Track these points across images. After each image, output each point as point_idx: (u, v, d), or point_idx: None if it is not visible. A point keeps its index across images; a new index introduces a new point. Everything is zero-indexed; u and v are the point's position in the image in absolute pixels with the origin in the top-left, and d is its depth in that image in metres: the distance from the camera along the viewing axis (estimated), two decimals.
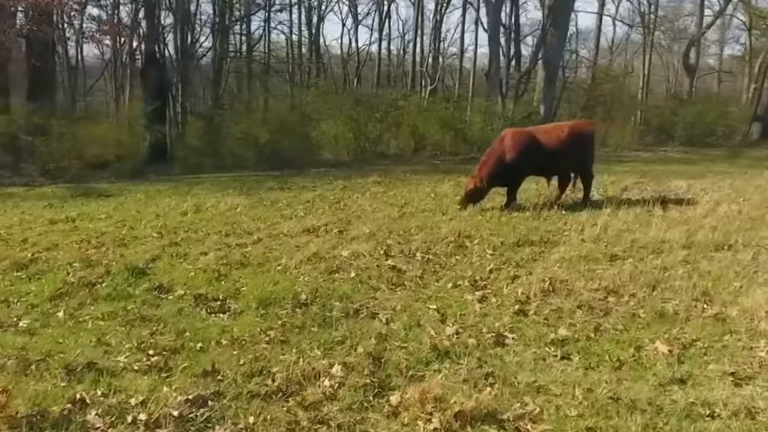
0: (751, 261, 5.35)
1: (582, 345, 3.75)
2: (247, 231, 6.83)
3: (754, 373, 3.30)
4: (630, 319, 4.09)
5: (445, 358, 3.44)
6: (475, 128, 20.93)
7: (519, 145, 7.87)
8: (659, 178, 11.74)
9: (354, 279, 5.04)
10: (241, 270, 5.38)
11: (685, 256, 5.52)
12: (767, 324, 3.83)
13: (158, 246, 6.22)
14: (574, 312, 4.22)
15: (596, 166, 14.92)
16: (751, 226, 6.76)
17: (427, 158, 19.16)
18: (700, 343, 3.68)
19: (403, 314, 4.32)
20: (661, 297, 4.44)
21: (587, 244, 6.00)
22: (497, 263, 5.35)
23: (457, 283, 4.88)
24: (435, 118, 20.98)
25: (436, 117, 21.00)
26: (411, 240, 6.22)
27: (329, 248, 5.87)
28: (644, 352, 3.62)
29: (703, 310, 4.19)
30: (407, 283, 4.93)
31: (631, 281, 4.73)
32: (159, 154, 17.22)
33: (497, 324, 4.10)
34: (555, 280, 4.80)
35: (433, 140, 21.01)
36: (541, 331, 3.96)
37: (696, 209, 7.69)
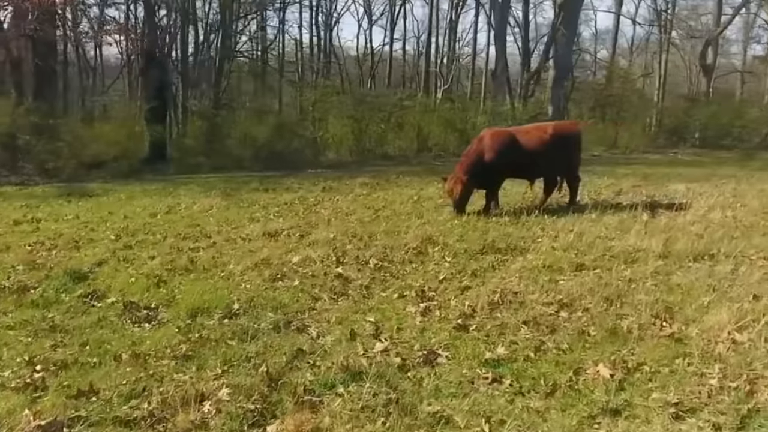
0: (729, 273, 4.93)
1: (518, 366, 3.40)
2: (207, 234, 6.58)
3: (700, 405, 2.92)
4: (578, 337, 3.72)
5: (355, 379, 3.12)
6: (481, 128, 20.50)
7: (498, 145, 7.50)
8: (660, 182, 11.26)
9: (296, 287, 4.74)
10: (185, 276, 5.13)
11: (659, 266, 5.11)
12: (726, 347, 3.44)
13: (110, 249, 6.00)
14: (518, 328, 3.87)
15: (598, 167, 14.63)
16: (741, 234, 6.31)
17: (431, 159, 18.85)
18: (647, 366, 3.30)
19: (336, 327, 4.02)
20: (618, 312, 4.06)
21: (557, 252, 5.62)
22: (452, 272, 5.00)
23: (403, 294, 4.56)
24: (439, 119, 20.66)
25: (440, 117, 20.67)
26: (371, 245, 5.90)
27: (282, 253, 5.59)
28: (584, 376, 3.27)
29: (661, 328, 3.81)
30: (351, 293, 4.62)
31: (590, 294, 4.35)
32: (159, 154, 17.13)
33: (433, 340, 3.78)
34: (507, 292, 4.45)
35: (437, 141, 20.69)
36: (478, 349, 3.63)
37: (686, 215, 7.24)
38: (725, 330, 3.63)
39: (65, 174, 14.63)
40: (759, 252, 5.49)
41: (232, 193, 10.08)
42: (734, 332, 3.60)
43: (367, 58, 36.78)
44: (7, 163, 15.57)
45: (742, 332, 3.60)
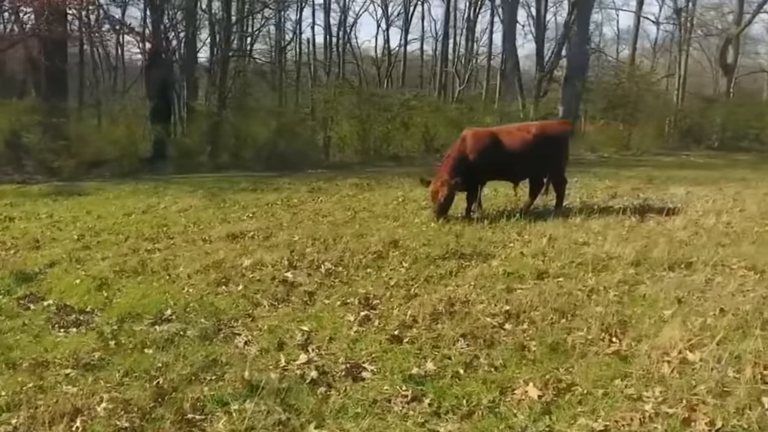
0: (703, 283, 4.58)
1: (443, 384, 3.15)
2: (170, 235, 6.42)
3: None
4: (516, 352, 3.44)
5: (254, 395, 2.89)
6: None
7: (480, 145, 7.19)
8: (664, 184, 10.80)
9: (239, 292, 4.54)
10: (131, 279, 4.96)
11: (629, 275, 4.79)
12: (672, 368, 3.13)
13: (68, 249, 5.87)
14: (456, 341, 3.61)
15: (603, 169, 14.18)
16: (730, 241, 5.94)
17: (437, 160, 18.50)
18: (580, 387, 3.02)
19: (267, 336, 3.80)
20: (568, 326, 3.76)
21: (525, 258, 5.33)
22: (405, 279, 4.74)
23: (347, 301, 4.32)
24: (445, 119, 20.32)
25: (447, 118, 20.33)
26: (333, 249, 5.67)
27: (237, 256, 5.39)
28: (511, 396, 3.00)
29: (609, 344, 3.51)
30: (294, 299, 4.41)
31: (543, 305, 4.06)
32: (161, 154, 17.14)
33: (363, 352, 3.55)
34: (455, 301, 4.18)
35: (445, 141, 20.31)
36: (407, 363, 3.38)
37: (677, 220, 6.85)
38: (676, 348, 3.31)
39: (66, 172, 14.67)
40: (742, 261, 5.12)
41: (219, 193, 9.93)
42: (686, 351, 3.29)
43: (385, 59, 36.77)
44: (12, 162, 15.71)
45: (695, 351, 3.29)
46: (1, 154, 15.75)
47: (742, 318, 3.78)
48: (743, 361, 3.18)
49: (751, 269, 4.91)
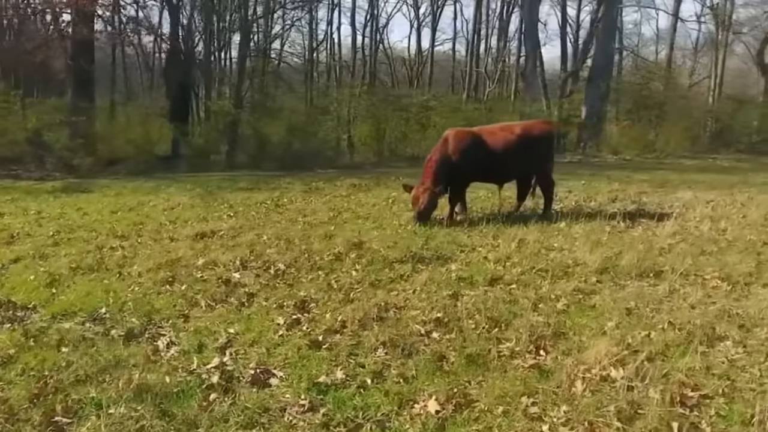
0: (665, 294, 4.31)
1: (346, 394, 3.01)
2: (140, 233, 6.43)
3: None
4: (433, 363, 3.26)
5: (135, 400, 2.80)
6: None
7: (462, 145, 6.98)
8: (676, 188, 10.34)
9: (181, 292, 4.48)
10: (85, 275, 4.97)
11: (589, 283, 4.54)
12: (585, 385, 2.91)
13: (38, 245, 5.95)
14: (375, 349, 3.45)
15: (617, 172, 13.67)
16: (716, 249, 5.60)
17: None
18: (482, 404, 2.83)
19: (192, 337, 3.73)
20: (499, 336, 3.56)
21: (486, 263, 5.12)
22: (351, 282, 4.60)
23: (283, 304, 4.21)
24: (464, 120, 20.01)
25: (466, 118, 20.02)
26: (294, 249, 5.57)
27: (194, 255, 5.34)
28: (409, 410, 2.84)
29: (536, 356, 3.30)
30: (232, 300, 4.32)
31: (478, 313, 3.86)
32: (178, 152, 17.43)
33: (280, 357, 3.44)
34: (391, 307, 4.03)
35: None
36: (318, 370, 3.25)
37: (668, 226, 6.50)
38: (601, 364, 3.08)
39: (84, 170, 15.03)
40: (717, 271, 4.80)
41: (215, 191, 9.97)
42: (610, 367, 3.05)
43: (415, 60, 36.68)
44: (35, 159, 16.19)
45: (621, 367, 3.05)
46: (24, 152, 16.25)
47: (690, 332, 3.51)
48: (670, 380, 2.94)
49: (724, 280, 4.60)
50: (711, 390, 2.89)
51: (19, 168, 15.79)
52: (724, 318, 3.77)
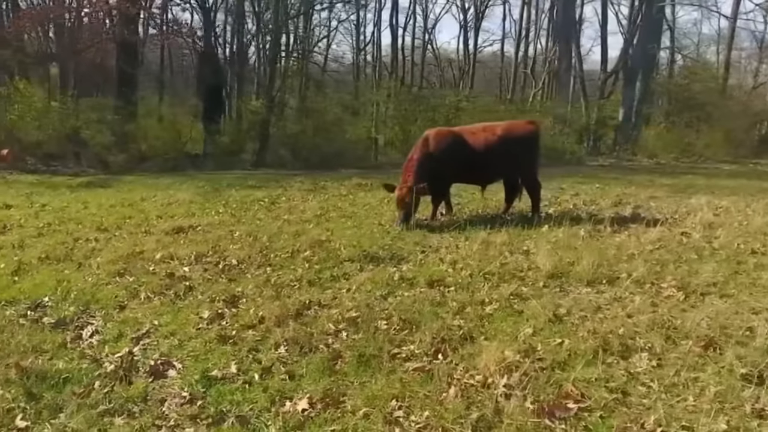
0: (608, 300, 4.12)
1: (229, 389, 3.06)
2: (121, 226, 6.64)
3: None
4: (326, 361, 3.23)
5: (14, 384, 2.91)
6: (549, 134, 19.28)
7: (443, 145, 6.87)
8: (693, 193, 9.83)
9: (127, 284, 4.61)
10: (50, 265, 5.17)
11: (532, 288, 4.39)
12: (458, 391, 2.81)
13: (23, 236, 6.23)
14: (278, 345, 3.45)
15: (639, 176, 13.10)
16: (696, 257, 5.30)
17: None
18: (349, 405, 2.79)
19: (118, 327, 3.84)
20: (405, 337, 3.49)
21: (439, 265, 5.03)
22: (292, 279, 4.61)
23: (216, 298, 4.27)
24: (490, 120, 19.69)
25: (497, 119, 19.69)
26: (257, 246, 5.62)
27: (156, 249, 5.48)
28: (278, 407, 2.84)
29: (432, 360, 3.21)
30: (170, 293, 4.40)
31: (398, 314, 3.79)
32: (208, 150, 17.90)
33: (188, 350, 3.51)
34: (313, 305, 4.03)
35: None
36: (214, 364, 3.30)
37: (655, 232, 6.20)
38: (489, 369, 2.97)
39: (116, 166, 15.69)
40: (678, 280, 4.54)
41: (222, 189, 10.18)
42: (497, 374, 2.94)
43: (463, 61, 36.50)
44: (73, 155, 17.01)
45: (507, 374, 2.93)
46: (64, 148, 17.09)
47: (608, 342, 3.34)
48: (557, 390, 2.81)
49: (681, 289, 4.35)
50: (595, 402, 2.73)
51: (59, 164, 16.64)
52: (654, 328, 3.55)
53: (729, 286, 4.46)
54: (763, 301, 4.12)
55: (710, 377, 2.97)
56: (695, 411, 2.65)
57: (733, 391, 2.80)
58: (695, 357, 3.20)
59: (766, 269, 4.93)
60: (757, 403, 2.69)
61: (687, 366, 3.10)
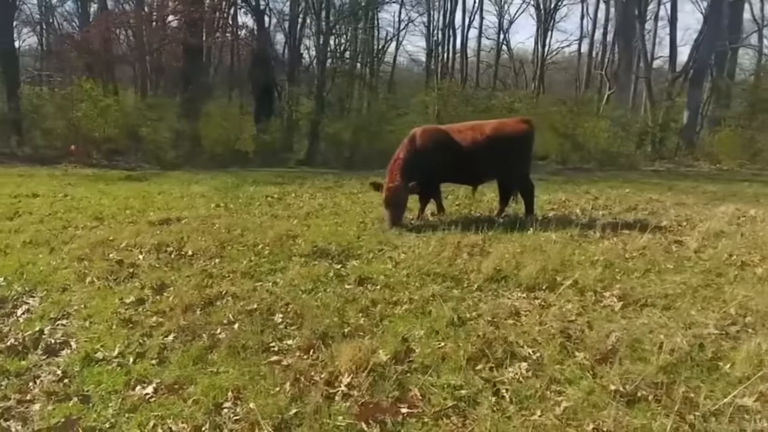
0: (533, 306, 3.90)
1: (99, 370, 3.17)
2: (116, 216, 6.98)
3: None
4: (201, 350, 3.27)
5: None
6: (603, 136, 18.43)
7: (429, 144, 6.71)
8: (737, 201, 9.04)
9: (79, 269, 4.84)
10: (28, 249, 5.46)
11: (462, 291, 4.22)
12: (295, 387, 2.75)
13: (26, 222, 6.64)
14: (170, 333, 3.52)
15: (689, 183, 12.20)
16: (672, 267, 4.91)
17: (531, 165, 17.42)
18: (187, 393, 2.79)
19: (46, 308, 4.06)
20: (290, 332, 3.46)
21: (386, 264, 4.93)
22: (229, 270, 4.68)
23: (148, 285, 4.40)
24: (545, 122, 19.03)
25: (546, 121, 19.02)
26: (222, 237, 5.74)
27: (126, 237, 5.69)
28: (127, 391, 2.90)
29: (302, 355, 3.16)
30: (112, 279, 4.59)
31: (298, 308, 3.77)
32: (258, 149, 18.50)
33: (93, 331, 3.66)
34: (227, 295, 4.07)
35: (546, 147, 19.06)
36: (103, 345, 3.41)
37: (643, 239, 5.78)
38: (339, 368, 2.89)
39: (168, 162, 16.54)
40: (622, 290, 4.22)
41: (241, 184, 10.49)
42: (346, 374, 2.86)
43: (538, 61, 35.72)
44: (132, 151, 18.11)
45: (358, 375, 2.85)
46: (126, 145, 18.24)
47: (492, 348, 3.16)
48: (401, 394, 2.69)
49: (621, 299, 4.02)
50: (432, 409, 2.59)
51: (121, 159, 17.77)
52: (555, 337, 3.32)
53: (682, 299, 4.08)
54: (708, 317, 3.74)
55: (577, 392, 2.73)
56: (531, 426, 2.46)
57: (585, 409, 2.56)
58: (578, 370, 2.95)
59: (741, 284, 4.48)
60: (603, 423, 2.45)
61: (561, 379, 2.88)
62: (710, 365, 3.04)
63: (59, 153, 17.49)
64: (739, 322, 3.68)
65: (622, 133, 18.18)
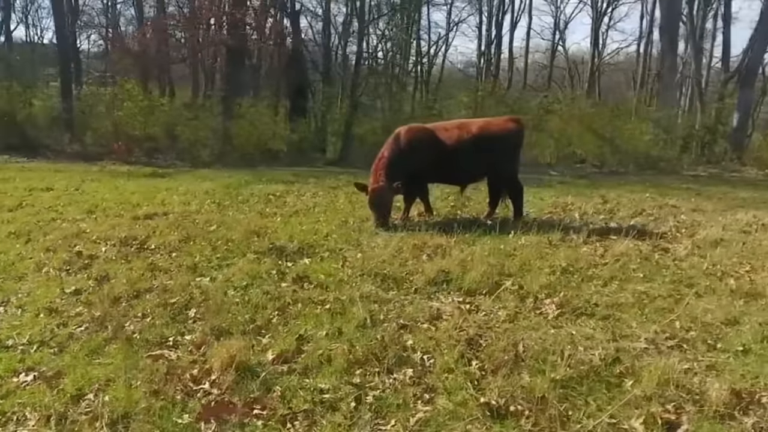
0: (462, 311, 3.70)
1: (7, 356, 3.20)
2: (106, 210, 7.18)
3: None
4: (90, 342, 3.28)
5: None
6: (644, 139, 17.64)
7: (414, 142, 6.54)
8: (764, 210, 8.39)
9: (45, 258, 5.00)
10: (11, 240, 5.73)
11: (398, 292, 4.09)
12: (161, 384, 2.70)
13: (24, 214, 6.97)
14: (84, 323, 3.57)
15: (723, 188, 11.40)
16: (642, 276, 4.58)
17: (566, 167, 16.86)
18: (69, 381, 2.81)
19: None
20: (193, 328, 3.43)
21: (336, 262, 4.83)
22: (177, 265, 4.71)
23: (94, 276, 4.48)
24: (582, 125, 18.38)
25: (584, 123, 18.36)
26: (190, 233, 5.80)
27: (100, 230, 5.86)
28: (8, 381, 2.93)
29: (163, 350, 3.13)
30: (64, 269, 4.71)
31: (207, 301, 3.73)
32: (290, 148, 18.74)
33: (19, 317, 3.77)
34: (155, 289, 4.09)
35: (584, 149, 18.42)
36: (20, 332, 3.52)
37: (622, 247, 5.43)
38: (210, 366, 2.84)
39: (200, 161, 16.99)
40: (561, 298, 3.96)
41: (253, 183, 10.60)
42: (215, 372, 2.80)
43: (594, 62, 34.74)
44: (169, 150, 18.72)
45: (225, 374, 2.77)
46: (164, 143, 18.87)
47: (382, 352, 3.02)
48: (251, 396, 2.61)
49: (560, 307, 3.78)
50: (283, 412, 2.49)
51: (160, 157, 18.40)
52: (459, 343, 3.14)
53: (631, 310, 3.79)
54: (647, 329, 3.45)
55: (447, 403, 2.56)
56: None
57: (441, 422, 2.39)
58: (463, 380, 2.77)
59: (708, 296, 4.12)
60: None
61: (440, 388, 2.71)
62: (615, 381, 2.79)
63: (105, 150, 18.26)
64: (679, 336, 3.38)
65: (664, 135, 17.29)
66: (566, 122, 18.97)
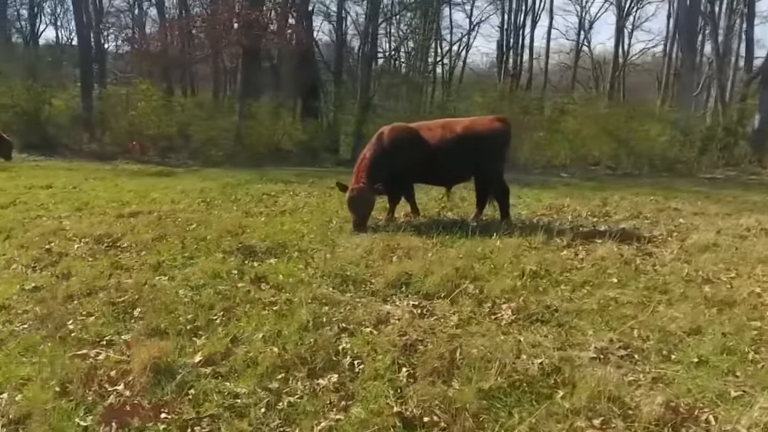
0: (413, 315, 3.58)
1: None
2: (94, 207, 7.23)
3: None
4: (30, 338, 3.25)
5: None
6: (660, 140, 17.23)
7: (397, 141, 6.43)
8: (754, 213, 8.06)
9: (17, 255, 5.03)
10: None
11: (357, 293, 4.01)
12: (72, 384, 2.65)
13: (15, 210, 7.06)
14: (29, 320, 3.55)
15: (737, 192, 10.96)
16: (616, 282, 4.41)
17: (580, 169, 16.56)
18: None
19: None
20: (126, 327, 3.38)
21: (297, 264, 4.75)
22: (139, 264, 4.68)
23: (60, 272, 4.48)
24: (597, 126, 18.00)
25: (599, 125, 17.98)
26: (167, 231, 5.78)
27: (77, 228, 5.89)
28: None
29: (99, 349, 3.08)
30: (19, 269, 4.71)
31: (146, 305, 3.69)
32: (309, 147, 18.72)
33: None
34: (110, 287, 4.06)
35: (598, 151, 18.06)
36: None
37: (603, 251, 5.24)
38: (126, 368, 2.77)
39: (211, 160, 17.11)
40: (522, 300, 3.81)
41: (253, 182, 10.61)
42: (133, 374, 2.73)
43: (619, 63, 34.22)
44: (182, 149, 18.92)
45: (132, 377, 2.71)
46: (178, 142, 19.08)
47: (301, 359, 2.93)
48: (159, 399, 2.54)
49: (517, 313, 3.64)
50: (189, 416, 2.41)
51: (173, 156, 18.60)
52: (389, 350, 3.02)
53: (590, 317, 3.63)
54: (602, 337, 3.30)
55: (361, 411, 2.46)
56: None
57: (344, 429, 2.29)
58: (387, 387, 2.66)
59: (680, 303, 3.93)
60: None
61: (361, 396, 2.60)
62: (547, 393, 2.65)
63: (121, 150, 18.56)
64: (633, 345, 3.21)
65: (681, 137, 16.83)
66: (581, 123, 18.64)
